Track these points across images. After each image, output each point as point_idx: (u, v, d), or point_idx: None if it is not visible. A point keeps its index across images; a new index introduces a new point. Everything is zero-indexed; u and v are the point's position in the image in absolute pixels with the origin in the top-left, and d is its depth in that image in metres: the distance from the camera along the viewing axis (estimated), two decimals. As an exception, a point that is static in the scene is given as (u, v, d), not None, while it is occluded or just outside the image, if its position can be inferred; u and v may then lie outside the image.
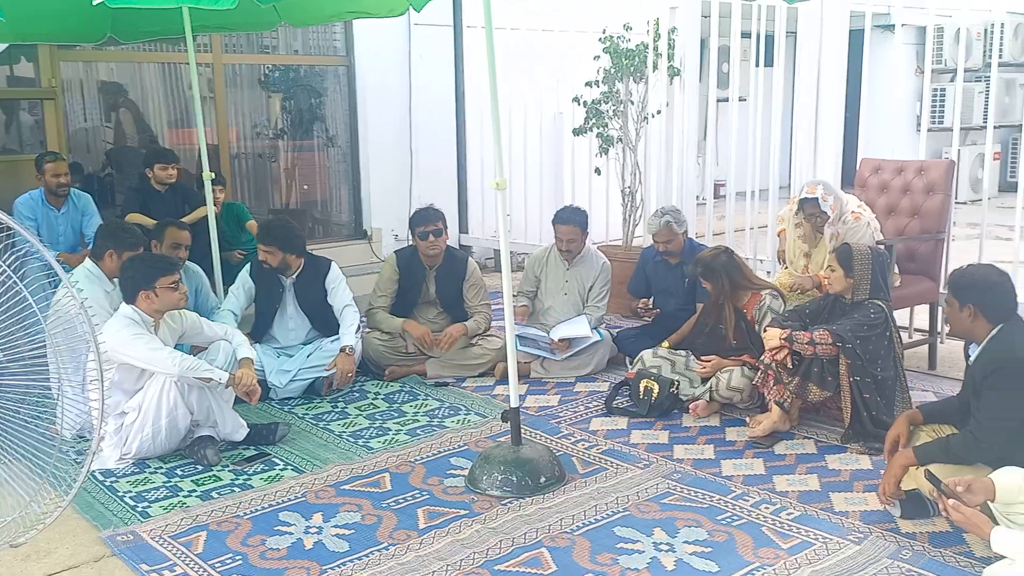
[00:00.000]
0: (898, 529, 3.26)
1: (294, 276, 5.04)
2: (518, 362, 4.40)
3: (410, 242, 5.51)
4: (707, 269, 4.59)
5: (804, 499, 3.55)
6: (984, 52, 11.41)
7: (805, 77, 6.39)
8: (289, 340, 5.10)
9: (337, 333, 5.01)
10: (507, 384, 3.84)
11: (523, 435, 3.88)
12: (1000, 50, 11.20)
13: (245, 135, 8.04)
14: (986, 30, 11.23)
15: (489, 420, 4.52)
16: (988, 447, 3.08)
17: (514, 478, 3.67)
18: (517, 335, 5.08)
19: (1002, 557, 2.66)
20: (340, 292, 5.07)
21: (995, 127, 5.60)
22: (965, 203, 10.16)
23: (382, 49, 7.94)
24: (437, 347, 5.12)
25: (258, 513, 3.57)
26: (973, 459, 3.10)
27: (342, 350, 4.88)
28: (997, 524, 2.74)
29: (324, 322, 5.10)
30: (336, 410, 4.75)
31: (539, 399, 4.85)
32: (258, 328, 5.08)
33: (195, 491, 3.78)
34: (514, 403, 3.80)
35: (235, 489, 3.81)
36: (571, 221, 5.32)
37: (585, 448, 4.14)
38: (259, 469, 4.00)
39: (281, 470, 3.98)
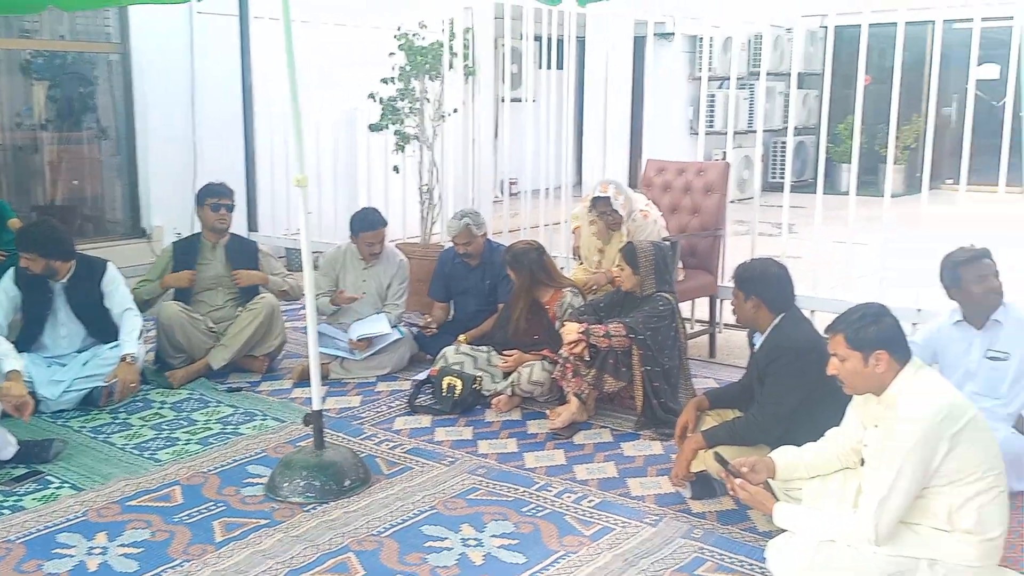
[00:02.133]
0: (689, 509, 3.45)
1: (65, 280, 4.64)
2: (318, 363, 4.29)
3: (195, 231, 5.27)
4: (515, 260, 4.71)
5: (603, 486, 3.68)
6: (748, 62, 12.42)
7: (594, 81, 6.65)
8: (61, 348, 4.67)
9: (116, 339, 4.66)
10: (305, 386, 3.73)
11: (325, 438, 3.78)
12: (760, 60, 12.27)
13: (4, 125, 7.32)
14: (750, 41, 12.22)
15: (288, 424, 4.37)
16: (769, 428, 3.32)
17: (317, 483, 3.56)
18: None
19: (783, 531, 2.86)
20: (118, 295, 4.72)
21: (757, 131, 6.05)
22: (733, 202, 10.94)
23: (161, 37, 7.46)
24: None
25: (32, 536, 3.27)
26: (756, 440, 3.33)
27: (122, 359, 4.54)
28: (778, 500, 2.95)
29: (101, 328, 4.70)
30: (117, 421, 4.42)
31: (340, 400, 4.74)
32: (26, 337, 4.59)
33: (-42, 516, 3.41)
34: (316, 405, 3.69)
35: (4, 512, 3.46)
36: (380, 224, 5.24)
37: (389, 448, 4.09)
38: (31, 488, 3.66)
39: (57, 488, 3.66)
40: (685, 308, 5.41)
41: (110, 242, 7.35)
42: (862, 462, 2.87)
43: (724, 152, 6.12)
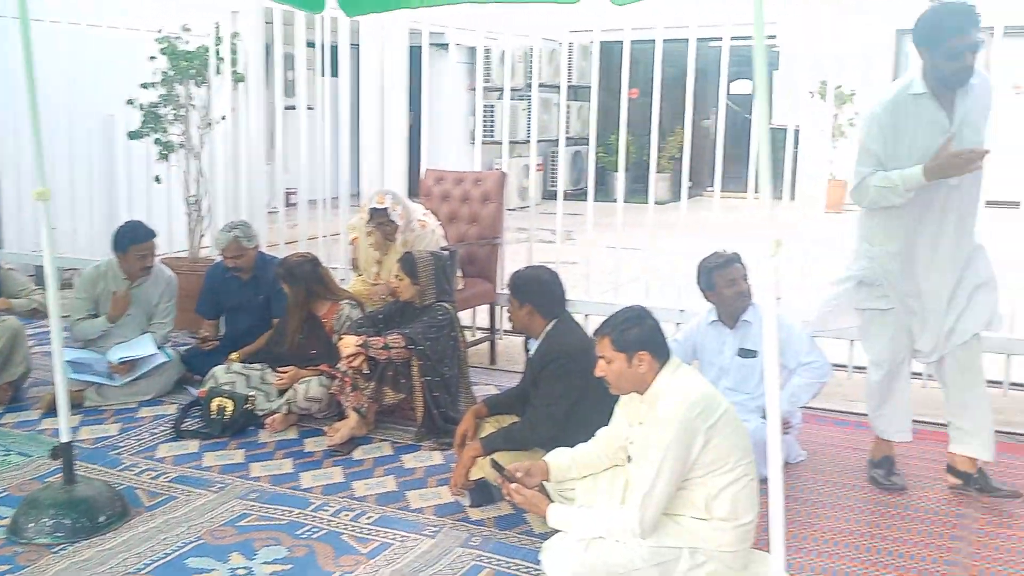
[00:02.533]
0: (468, 518, 3.45)
1: None
2: (70, 391, 3.94)
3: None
4: (289, 273, 4.55)
5: (382, 501, 3.61)
6: (525, 73, 12.78)
7: (370, 89, 6.55)
8: None
9: None
10: (55, 416, 3.41)
11: (77, 472, 3.47)
12: (540, 72, 12.66)
13: None
14: (526, 54, 12.59)
15: (34, 459, 3.98)
16: (543, 431, 3.38)
17: (67, 521, 3.27)
18: (67, 360, 4.56)
19: (559, 532, 2.91)
20: None
21: (537, 141, 6.21)
22: (514, 210, 11.21)
23: None
24: None
25: None
26: (531, 443, 3.39)
27: None
28: (553, 502, 3.00)
29: None
30: None
31: (96, 430, 4.37)
32: None
33: None
34: (65, 437, 3.39)
35: None
36: (150, 236, 4.88)
37: (151, 478, 3.81)
38: None
39: None
40: (466, 316, 5.44)
41: None
42: (629, 459, 2.98)
43: (505, 162, 6.20)
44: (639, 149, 9.05)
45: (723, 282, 3.83)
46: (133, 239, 4.83)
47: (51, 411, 4.33)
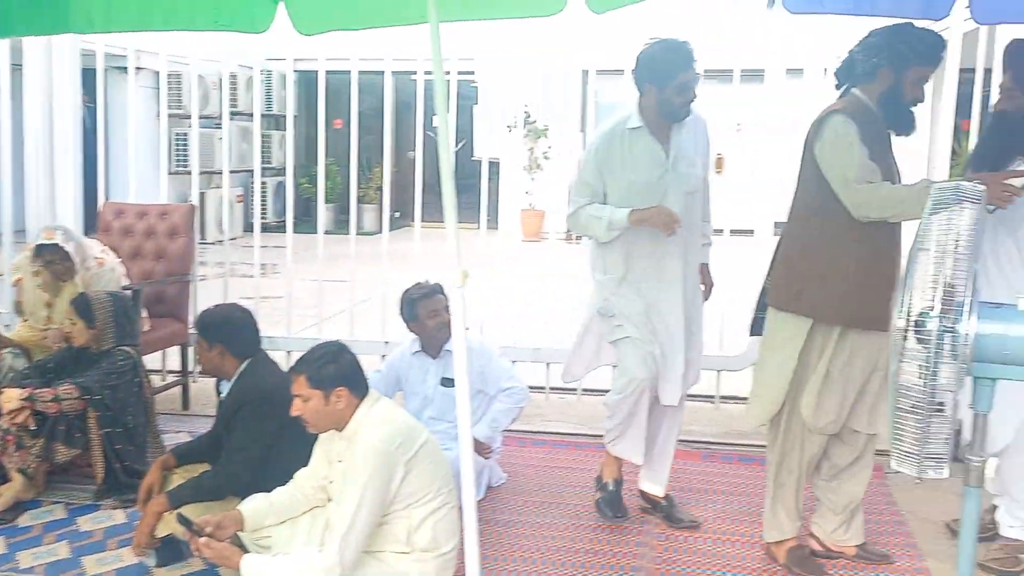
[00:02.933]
0: (155, 578, 3.20)
1: None
2: None
3: None
4: None
5: (52, 571, 3.27)
6: (220, 101, 12.23)
7: (35, 114, 5.94)
8: None
9: None
10: None
11: None
12: (234, 100, 12.19)
13: None
14: (220, 80, 12.06)
15: None
16: (238, 478, 3.20)
17: None
18: None
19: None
20: None
21: (234, 172, 5.98)
22: (213, 243, 10.69)
23: None
24: None
25: None
26: (225, 492, 3.19)
27: None
28: (248, 553, 2.84)
29: None
30: None
31: None
32: None
33: None
34: None
35: None
36: None
37: None
38: None
39: None
40: (154, 359, 5.09)
41: None
42: (330, 499, 2.90)
43: (201, 193, 5.89)
44: (344, 179, 9.01)
45: (425, 313, 3.87)
46: None
47: None
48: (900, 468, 2.16)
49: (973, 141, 4.64)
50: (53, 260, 4.48)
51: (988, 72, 4.40)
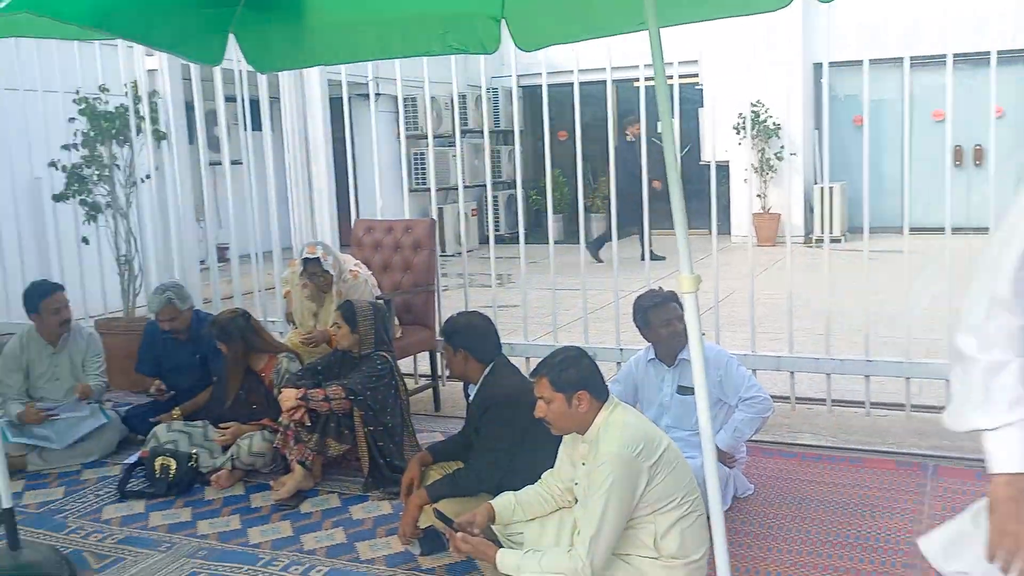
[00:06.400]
0: (420, 567, 3.49)
1: None
2: (11, 456, 3.93)
3: None
4: (222, 332, 4.55)
5: (332, 553, 3.64)
6: (453, 120, 12.86)
7: (293, 142, 6.62)
8: None
9: None
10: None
11: (22, 537, 3.46)
12: (465, 119, 12.81)
13: None
14: (452, 101, 12.69)
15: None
16: (487, 476, 3.43)
17: (14, 588, 3.25)
18: (6, 424, 4.53)
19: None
20: None
21: (468, 187, 6.34)
22: (451, 256, 11.30)
23: None
24: None
25: None
26: (476, 489, 3.42)
27: None
28: (501, 547, 3.03)
29: None
30: None
31: (39, 494, 4.34)
32: None
33: None
34: (6, 503, 3.37)
35: None
36: (57, 288, 4.88)
37: (98, 540, 3.80)
38: None
39: None
40: (406, 364, 5.49)
41: None
42: (576, 500, 3.03)
43: (439, 208, 6.30)
44: (573, 190, 9.18)
45: (658, 321, 3.86)
46: (42, 294, 4.83)
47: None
48: None
49: None
50: (316, 272, 4.97)
51: None
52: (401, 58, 4.42)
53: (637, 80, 5.58)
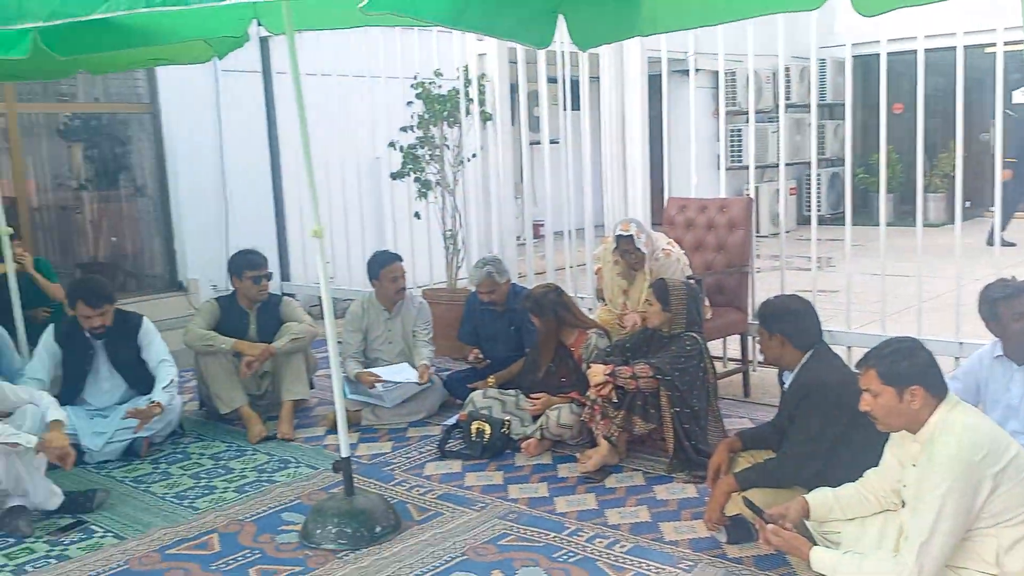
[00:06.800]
0: (725, 555, 3.39)
1: (104, 336, 4.73)
2: (348, 410, 4.34)
3: (230, 288, 5.36)
4: (536, 305, 4.69)
5: (636, 531, 3.64)
6: (775, 94, 12.37)
7: (610, 120, 6.68)
8: (103, 401, 4.78)
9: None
10: (336, 433, 3.76)
11: (356, 485, 3.81)
12: (788, 92, 12.22)
13: (46, 187, 7.52)
14: (774, 74, 12.19)
15: (320, 472, 4.39)
16: (801, 468, 3.25)
17: (349, 529, 3.58)
18: (349, 381, 5.01)
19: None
20: (154, 347, 4.82)
21: (788, 164, 6.03)
22: (767, 236, 10.87)
23: (189, 95, 7.66)
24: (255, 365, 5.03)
25: (75, 588, 3.31)
26: (790, 481, 3.26)
27: (149, 403, 4.61)
28: (816, 544, 2.87)
29: (139, 380, 4.79)
30: (158, 471, 4.51)
31: (371, 447, 4.76)
32: (68, 391, 4.70)
33: (6, 566, 3.51)
34: (345, 452, 3.72)
35: (51, 561, 3.55)
36: (397, 259, 5.32)
37: (420, 494, 4.09)
38: (76, 538, 3.75)
39: (100, 538, 3.74)
40: (715, 347, 5.35)
41: (149, 296, 7.52)
42: (903, 503, 2.80)
43: (755, 187, 6.06)
44: (906, 168, 8.46)
45: (1009, 315, 3.45)
46: (382, 263, 5.26)
47: (333, 429, 4.76)
48: None
49: None
50: (629, 250, 4.98)
51: None
52: (725, 22, 4.29)
53: (993, 45, 4.97)
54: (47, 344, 4.72)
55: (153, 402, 4.59)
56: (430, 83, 6.66)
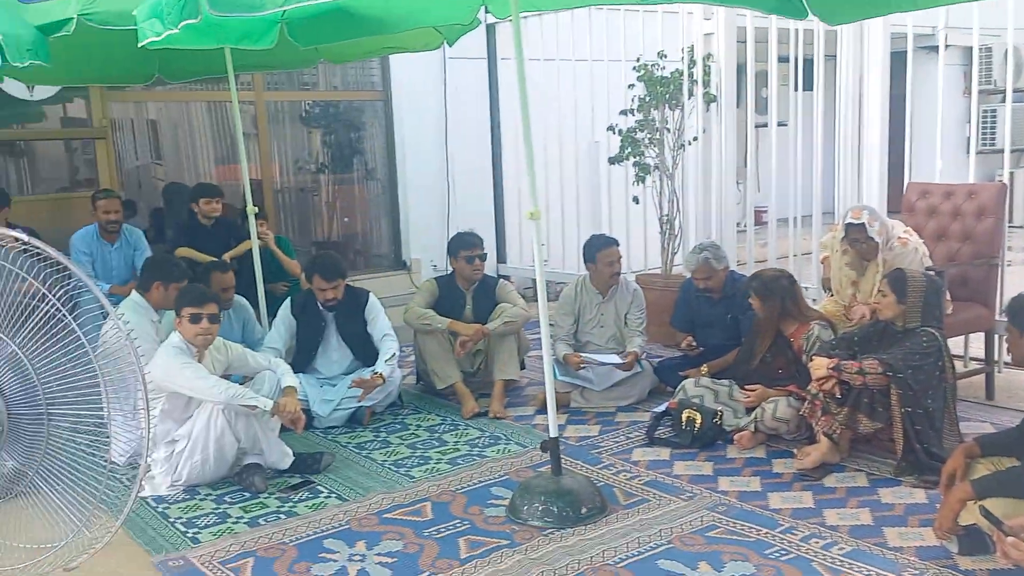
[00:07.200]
0: (956, 566, 3.13)
1: (335, 310, 5.06)
2: (558, 392, 4.37)
3: (449, 269, 5.53)
4: (764, 287, 4.51)
5: (856, 534, 3.43)
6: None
7: (846, 101, 6.28)
8: (332, 371, 5.15)
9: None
10: (545, 414, 3.80)
11: (563, 465, 3.84)
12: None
13: (287, 170, 8.15)
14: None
15: (529, 450, 4.46)
16: (1053, 481, 2.95)
17: (555, 508, 3.61)
18: (559, 363, 5.05)
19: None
20: (379, 322, 5.11)
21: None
22: (1020, 227, 9.90)
23: (418, 82, 8.00)
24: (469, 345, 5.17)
25: (303, 540, 3.58)
26: (1033, 492, 2.97)
27: (372, 374, 4.88)
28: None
29: (365, 352, 5.12)
30: (378, 439, 4.75)
31: (579, 429, 4.78)
32: (301, 360, 5.09)
33: (243, 518, 3.82)
34: (553, 433, 3.76)
35: (281, 516, 3.83)
36: (614, 243, 5.29)
37: (627, 479, 4.06)
38: (304, 497, 4.03)
39: (325, 498, 4.00)
40: (956, 344, 4.94)
41: (376, 274, 7.97)
42: None
43: (1010, 172, 5.51)
44: None
45: None
46: (599, 247, 5.24)
47: (542, 409, 4.83)
48: None
49: None
50: (859, 239, 4.67)
51: None
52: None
53: None
54: (284, 316, 5.11)
55: (376, 373, 4.86)
56: (653, 65, 6.55)
